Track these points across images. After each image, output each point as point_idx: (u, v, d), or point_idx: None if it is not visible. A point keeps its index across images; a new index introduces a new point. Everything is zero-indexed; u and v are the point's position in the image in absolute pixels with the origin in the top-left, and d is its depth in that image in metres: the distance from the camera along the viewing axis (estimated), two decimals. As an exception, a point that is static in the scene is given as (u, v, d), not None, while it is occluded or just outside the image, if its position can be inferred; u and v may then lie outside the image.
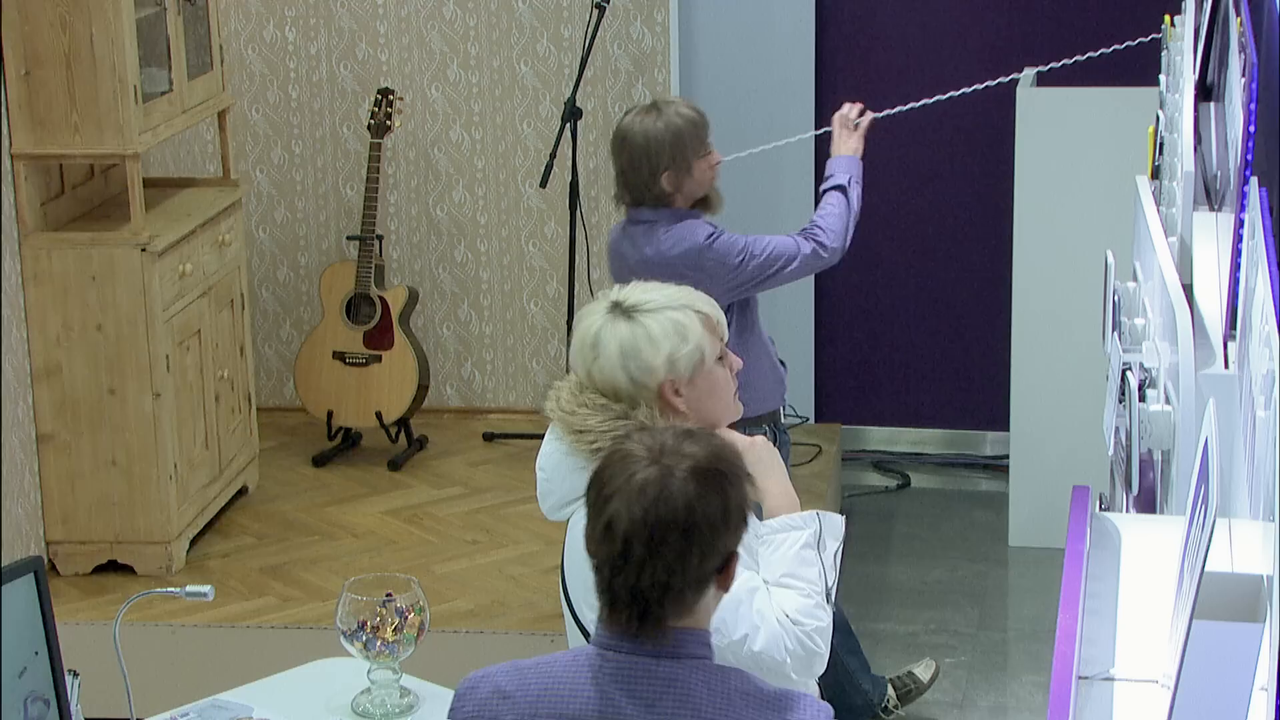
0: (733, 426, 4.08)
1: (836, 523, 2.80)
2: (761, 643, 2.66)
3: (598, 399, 2.77)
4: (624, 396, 2.76)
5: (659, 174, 4.15)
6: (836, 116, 4.47)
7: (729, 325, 4.19)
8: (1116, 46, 4.96)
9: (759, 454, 2.82)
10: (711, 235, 4.18)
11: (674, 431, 2.22)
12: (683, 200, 4.21)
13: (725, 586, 2.21)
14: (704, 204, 4.25)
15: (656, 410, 2.76)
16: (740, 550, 2.73)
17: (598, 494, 2.19)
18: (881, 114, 4.57)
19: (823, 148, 6.23)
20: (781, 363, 4.46)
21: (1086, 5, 6.13)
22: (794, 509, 2.81)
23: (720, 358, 2.82)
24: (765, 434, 4.27)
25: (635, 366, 2.75)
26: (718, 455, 2.19)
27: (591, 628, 2.80)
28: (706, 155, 4.21)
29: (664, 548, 2.13)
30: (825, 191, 4.34)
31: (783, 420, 4.42)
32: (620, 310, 2.79)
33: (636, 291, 2.84)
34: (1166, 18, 4.29)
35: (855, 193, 4.32)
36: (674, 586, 2.14)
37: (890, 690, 4.75)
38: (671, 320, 2.77)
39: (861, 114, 4.45)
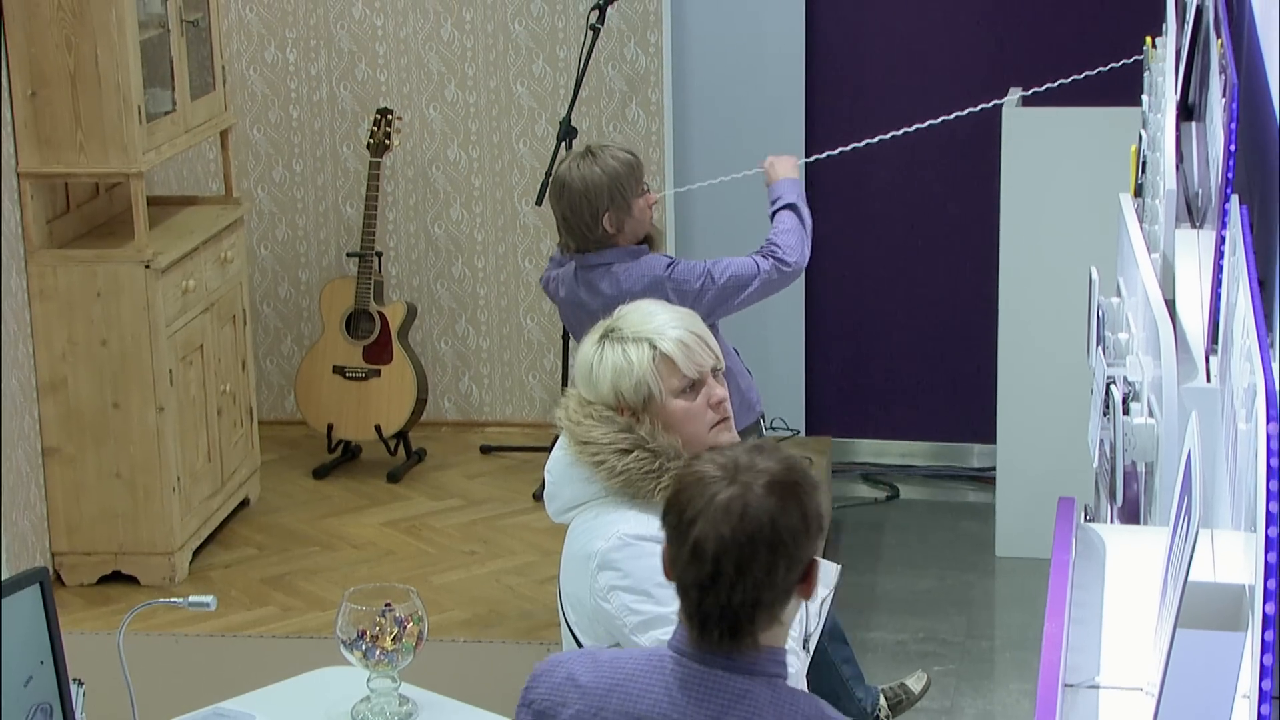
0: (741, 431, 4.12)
1: (831, 571, 2.78)
2: None
3: (602, 411, 2.82)
4: (635, 414, 2.81)
5: (600, 216, 4.21)
6: (774, 158, 4.53)
7: None
8: (1101, 69, 5.01)
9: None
10: (670, 264, 4.24)
11: (743, 448, 2.22)
12: (626, 240, 4.26)
13: (808, 595, 2.21)
14: (648, 243, 4.31)
15: (659, 427, 2.80)
16: None
17: (679, 518, 2.16)
18: (811, 159, 4.63)
19: (810, 188, 6.30)
20: (748, 370, 4.50)
21: (1070, 27, 6.17)
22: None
23: (690, 388, 2.82)
24: None
25: (591, 390, 2.82)
26: (790, 467, 2.19)
27: (579, 633, 2.88)
28: (644, 194, 4.27)
29: (753, 564, 2.12)
30: (776, 212, 4.39)
31: (762, 434, 4.44)
32: (604, 330, 2.86)
33: (628, 314, 2.90)
34: (1148, 39, 4.35)
35: (804, 210, 4.37)
36: (764, 601, 2.15)
37: (882, 700, 4.77)
38: (623, 354, 2.81)
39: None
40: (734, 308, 4.30)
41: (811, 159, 4.61)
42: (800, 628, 2.73)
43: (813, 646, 2.77)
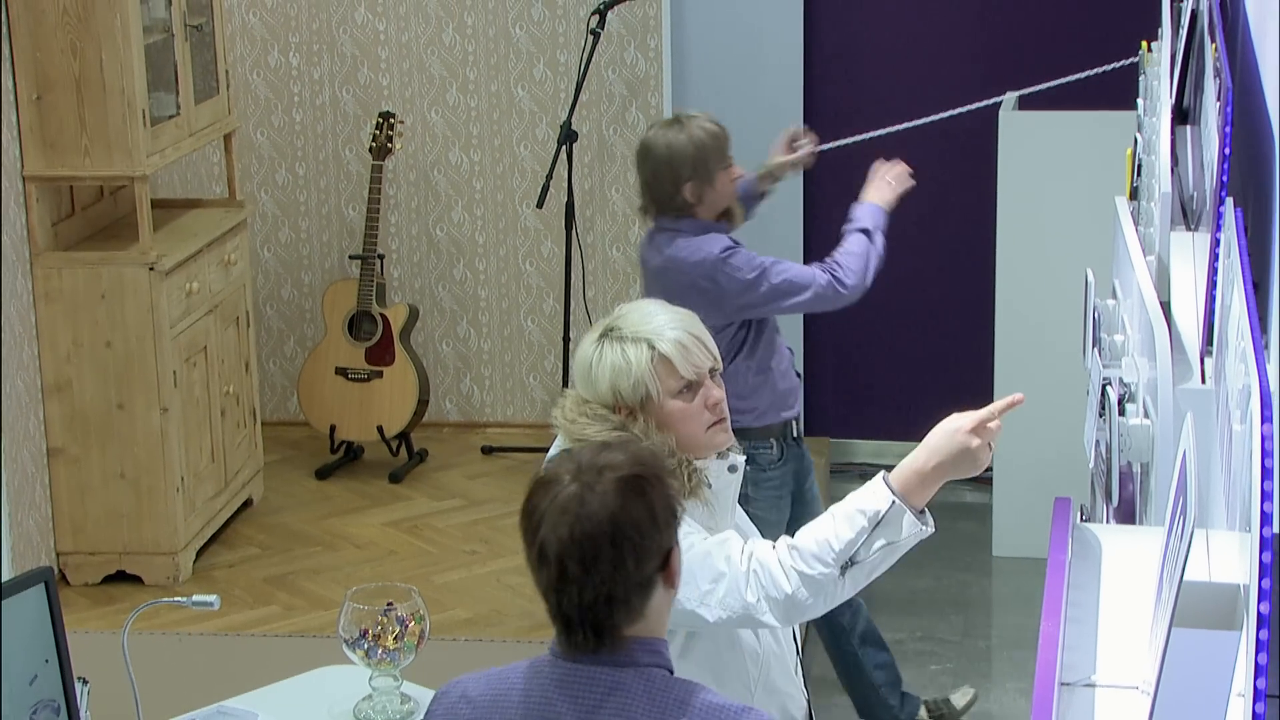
0: (750, 435, 4.13)
1: (909, 525, 2.75)
2: (723, 589, 2.69)
3: (598, 409, 2.82)
4: (633, 413, 2.81)
5: (681, 185, 4.19)
6: (879, 166, 4.43)
7: (744, 340, 4.21)
8: (1096, 70, 5.03)
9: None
10: (729, 250, 4.18)
11: (594, 447, 2.25)
12: (705, 211, 4.22)
13: (672, 583, 2.21)
14: (726, 216, 4.27)
15: (653, 425, 2.80)
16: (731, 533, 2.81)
17: (528, 521, 2.18)
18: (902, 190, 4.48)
19: (811, 184, 6.33)
20: (798, 373, 4.45)
21: (1066, 31, 6.19)
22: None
23: (686, 389, 2.83)
24: (771, 449, 4.27)
25: (589, 389, 2.83)
26: (636, 460, 2.19)
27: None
28: (728, 168, 4.23)
29: (598, 562, 2.13)
30: (849, 233, 4.30)
31: (795, 435, 4.37)
32: (604, 330, 2.87)
33: (627, 313, 2.92)
34: (1144, 43, 4.38)
35: (879, 240, 4.28)
36: (618, 597, 2.15)
37: (923, 711, 4.70)
38: (621, 353, 2.81)
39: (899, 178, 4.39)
40: (782, 310, 4.25)
41: (826, 146, 4.51)
42: (848, 548, 2.71)
43: (849, 575, 2.73)
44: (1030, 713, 1.75)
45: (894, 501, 2.73)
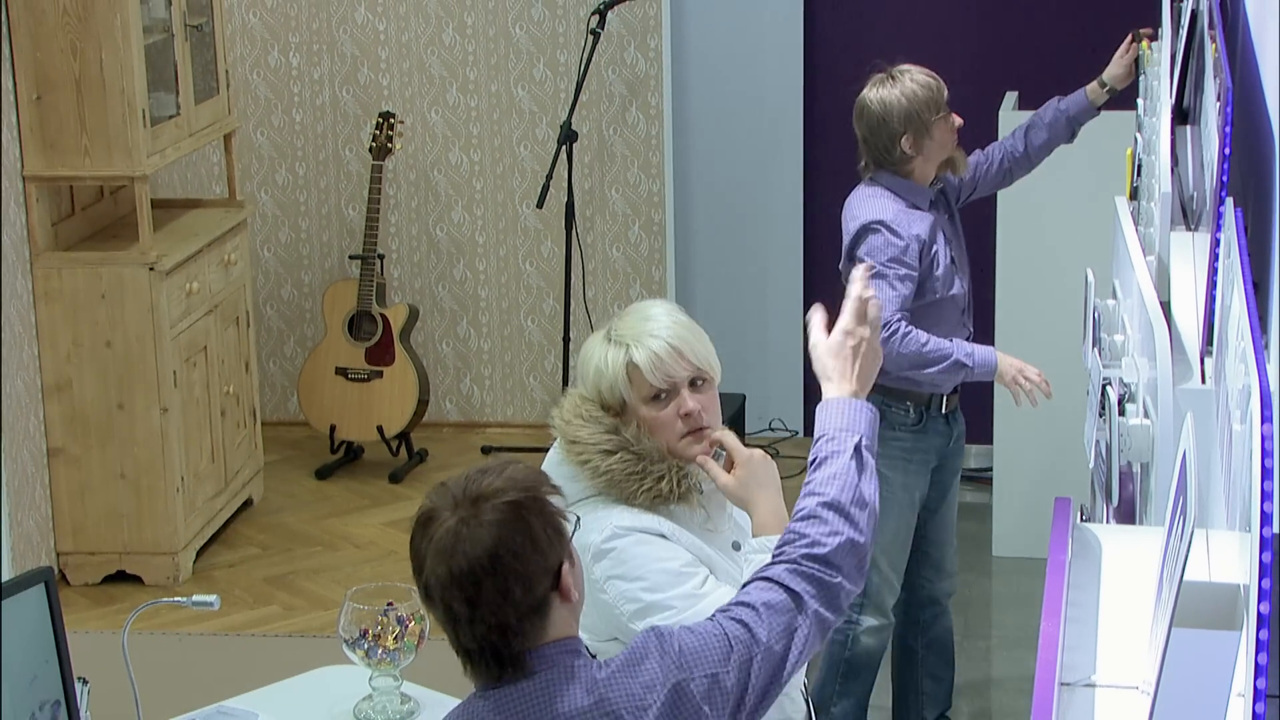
0: (886, 392, 4.11)
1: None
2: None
3: (593, 410, 2.83)
4: (632, 416, 2.82)
5: (897, 138, 4.18)
6: (1031, 370, 4.30)
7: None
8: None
9: (754, 469, 2.79)
10: (877, 226, 4.13)
11: (475, 470, 2.18)
12: (923, 163, 4.21)
13: (569, 596, 2.18)
14: (949, 165, 4.28)
15: (644, 430, 2.82)
16: (709, 569, 2.81)
17: (413, 562, 2.15)
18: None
19: (810, 185, 6.33)
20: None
21: (1066, 31, 6.20)
22: (779, 529, 2.69)
23: (656, 398, 2.81)
24: (906, 413, 4.24)
25: (586, 385, 2.85)
26: (512, 484, 2.15)
27: (581, 631, 2.90)
28: (945, 117, 4.22)
29: (481, 596, 2.10)
30: (947, 345, 4.19)
31: (941, 410, 4.30)
32: (607, 328, 2.87)
33: (629, 313, 2.90)
34: (1144, 43, 4.39)
35: (952, 375, 4.21)
36: (510, 625, 2.12)
37: None
38: (605, 355, 2.82)
39: None
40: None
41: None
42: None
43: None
44: (1030, 713, 1.75)
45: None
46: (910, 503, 4.32)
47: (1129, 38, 4.57)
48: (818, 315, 2.55)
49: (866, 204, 4.21)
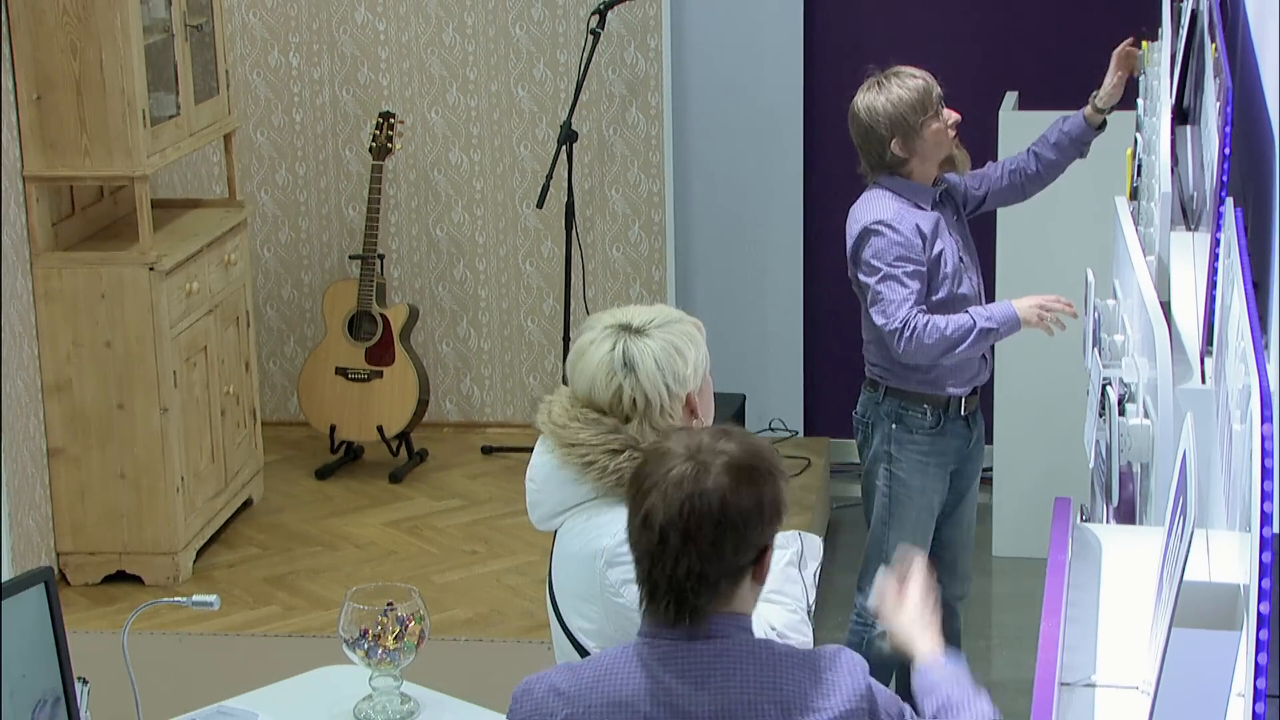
0: (904, 396, 4.15)
1: (816, 544, 2.87)
2: None
3: (589, 413, 2.83)
4: (638, 411, 2.82)
5: (887, 142, 4.18)
6: (1052, 299, 4.25)
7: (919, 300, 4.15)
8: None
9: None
10: (881, 226, 4.13)
11: (710, 431, 2.31)
12: (920, 164, 4.20)
13: (760, 579, 2.29)
14: (949, 164, 4.26)
15: (648, 426, 2.82)
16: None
17: (637, 489, 2.27)
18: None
19: (810, 183, 6.34)
20: (984, 358, 4.35)
21: (1066, 31, 6.20)
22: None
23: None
24: (924, 416, 4.22)
25: (671, 377, 2.82)
26: (753, 452, 2.27)
27: (581, 635, 2.90)
28: (935, 116, 4.20)
29: (698, 538, 2.21)
30: (970, 312, 4.19)
31: (961, 413, 4.28)
32: (632, 331, 2.86)
33: (635, 312, 2.94)
34: (1144, 43, 4.39)
35: (981, 343, 4.17)
36: (709, 576, 2.22)
37: None
38: (683, 331, 2.86)
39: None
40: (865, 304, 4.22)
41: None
42: (804, 598, 2.81)
43: (812, 614, 2.83)
44: (1030, 713, 1.75)
45: (796, 535, 2.90)
46: (928, 507, 4.33)
47: (1115, 58, 4.50)
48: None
49: (866, 207, 4.22)
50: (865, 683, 2.28)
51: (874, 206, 4.19)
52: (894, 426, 4.28)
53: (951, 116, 4.24)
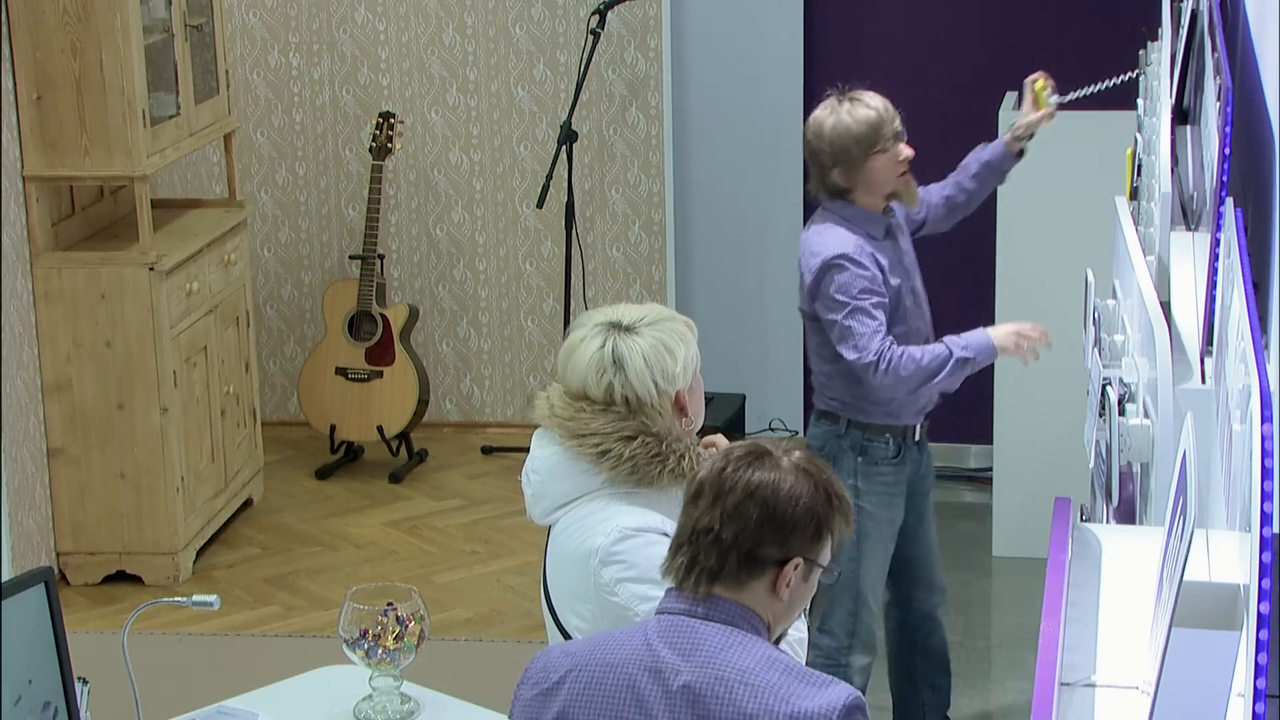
0: (865, 429, 4.12)
1: None
2: None
3: (593, 405, 2.84)
4: (633, 410, 2.84)
5: (828, 169, 4.07)
6: (1028, 326, 4.23)
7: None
8: (1117, 79, 5.03)
9: None
10: (843, 261, 4.01)
11: (783, 444, 2.37)
12: (864, 194, 4.06)
13: (777, 592, 2.29)
14: (895, 198, 4.11)
15: (657, 413, 2.84)
16: None
17: (696, 471, 2.35)
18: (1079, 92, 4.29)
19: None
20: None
21: (1066, 30, 6.20)
22: None
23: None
24: (887, 445, 4.18)
25: (660, 375, 2.83)
26: (822, 469, 2.32)
27: (576, 634, 2.91)
28: (886, 151, 4.04)
29: (726, 500, 2.26)
30: (946, 341, 4.12)
31: (915, 439, 4.26)
32: (622, 329, 2.87)
33: (627, 311, 2.95)
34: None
35: (959, 374, 4.10)
36: (724, 540, 2.25)
37: None
38: (674, 330, 2.87)
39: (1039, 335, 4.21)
40: (831, 341, 4.09)
41: (1070, 96, 4.31)
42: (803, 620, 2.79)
43: (807, 615, 2.82)
44: (1030, 713, 1.75)
45: None
46: (892, 535, 4.29)
47: (1030, 91, 4.41)
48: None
49: (824, 238, 4.06)
50: (846, 708, 2.24)
51: (831, 239, 4.05)
52: (859, 459, 4.18)
53: (904, 152, 4.08)
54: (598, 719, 2.29)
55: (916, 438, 4.29)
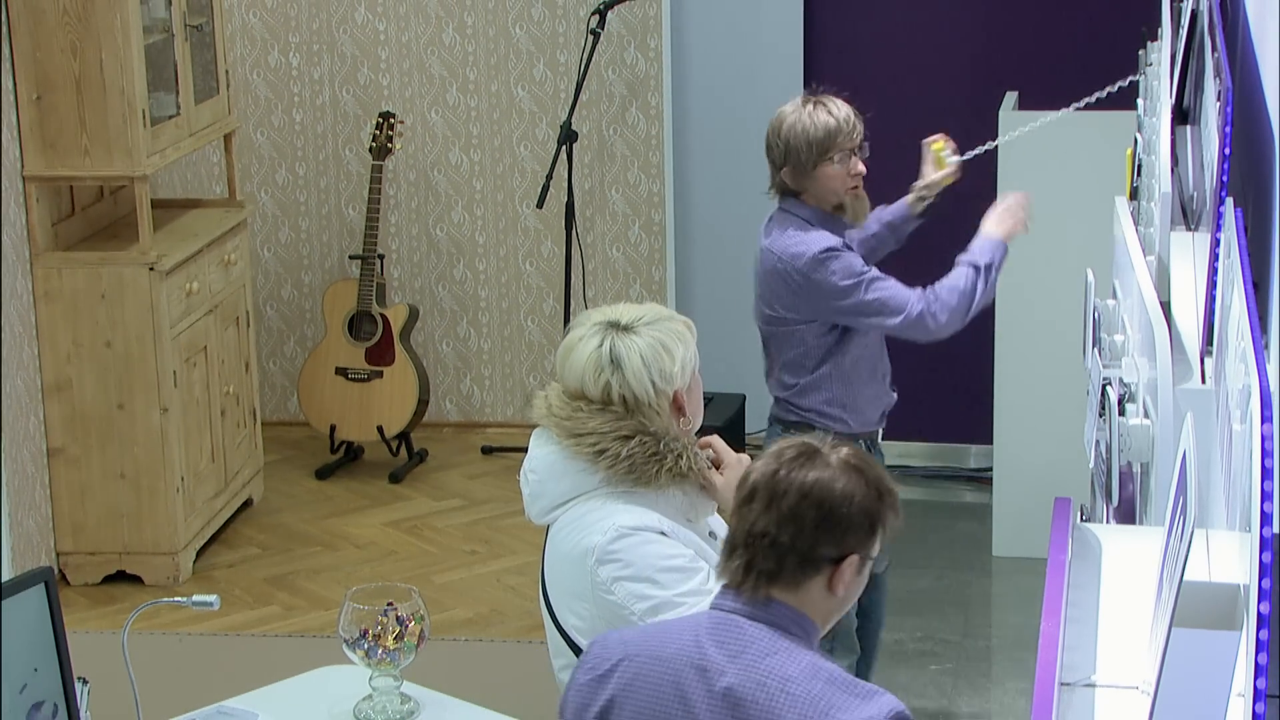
0: (853, 434, 4.07)
1: None
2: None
3: (591, 404, 2.85)
4: (631, 409, 2.85)
5: (779, 168, 4.05)
6: (1010, 200, 4.20)
7: (820, 345, 4.16)
8: (1111, 89, 5.02)
9: (743, 471, 2.89)
10: (831, 251, 3.96)
11: (829, 441, 2.38)
12: (811, 200, 4.03)
13: (834, 589, 2.30)
14: (841, 210, 4.06)
15: (655, 412, 2.85)
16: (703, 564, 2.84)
17: (749, 466, 2.36)
18: (968, 154, 4.32)
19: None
20: (893, 388, 4.28)
21: (1067, 30, 6.21)
22: None
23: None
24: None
25: (658, 375, 2.84)
26: (870, 464, 2.34)
27: (573, 633, 2.91)
28: (837, 162, 4.00)
29: (782, 503, 2.27)
30: (960, 264, 4.08)
31: (874, 444, 4.25)
32: (620, 328, 2.87)
33: (625, 310, 2.95)
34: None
35: (992, 278, 4.06)
36: (781, 543, 2.27)
37: None
38: (672, 330, 2.88)
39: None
40: (869, 326, 4.03)
41: (969, 155, 4.33)
42: None
43: None
44: (1030, 713, 1.75)
45: None
46: None
47: (929, 151, 4.37)
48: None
49: (800, 238, 4.00)
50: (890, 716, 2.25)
51: (808, 238, 3.99)
52: None
53: (857, 167, 4.04)
54: (643, 711, 2.31)
55: (877, 441, 4.28)
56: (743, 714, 2.25)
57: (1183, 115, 3.39)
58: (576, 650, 2.88)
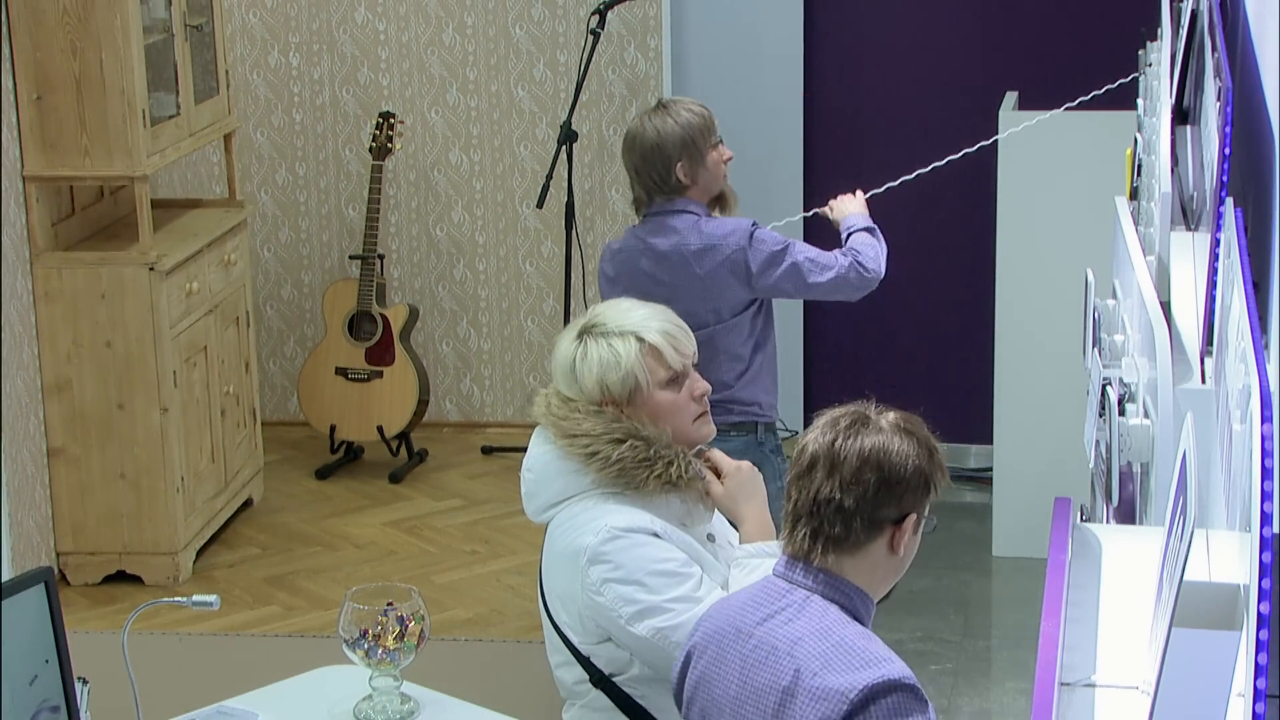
0: (770, 430, 4.15)
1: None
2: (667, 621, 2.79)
3: (587, 405, 2.86)
4: (624, 410, 2.86)
5: (673, 166, 4.12)
6: (831, 202, 4.41)
7: (751, 331, 4.20)
8: (1110, 86, 5.03)
9: (742, 479, 2.91)
10: (755, 224, 4.15)
11: (878, 407, 2.45)
12: (699, 194, 4.17)
13: (895, 549, 2.37)
14: (721, 201, 4.22)
15: (643, 418, 2.86)
16: (708, 563, 2.84)
17: (802, 436, 2.41)
18: (876, 190, 4.53)
19: (810, 178, 6.34)
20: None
21: (1067, 30, 6.21)
22: (768, 537, 2.88)
23: (674, 380, 2.89)
24: (751, 440, 4.30)
25: (572, 387, 2.87)
26: (917, 424, 2.41)
27: (568, 630, 2.92)
28: (716, 147, 4.17)
29: (843, 468, 2.32)
30: (851, 234, 4.26)
31: (774, 435, 4.34)
32: (583, 329, 2.90)
33: (604, 310, 2.94)
34: (1145, 41, 4.39)
35: (878, 235, 4.26)
36: (846, 508, 2.33)
37: None
38: (609, 347, 2.85)
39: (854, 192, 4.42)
40: (805, 291, 4.17)
41: (870, 194, 4.49)
42: None
43: None
44: (1030, 713, 1.75)
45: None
46: None
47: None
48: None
49: (721, 224, 4.15)
50: (869, 688, 2.29)
51: (725, 221, 4.16)
52: (780, 461, 4.21)
53: (727, 153, 4.22)
54: (718, 681, 2.41)
55: (774, 432, 4.38)
56: (752, 676, 2.33)
57: (1183, 115, 3.39)
58: (572, 649, 2.88)
